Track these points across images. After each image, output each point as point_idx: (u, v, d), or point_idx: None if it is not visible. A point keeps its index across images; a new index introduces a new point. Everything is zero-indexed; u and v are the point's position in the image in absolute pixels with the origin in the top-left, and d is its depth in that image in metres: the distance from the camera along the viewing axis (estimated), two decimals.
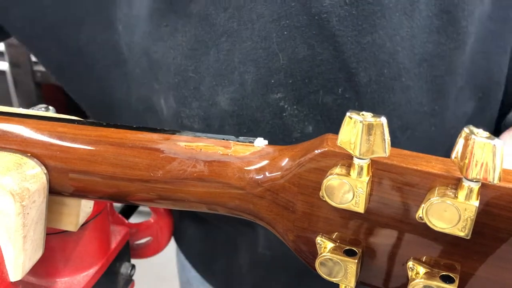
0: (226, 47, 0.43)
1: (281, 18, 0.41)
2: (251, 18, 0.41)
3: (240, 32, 0.42)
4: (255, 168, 0.32)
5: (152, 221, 0.57)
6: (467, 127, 0.24)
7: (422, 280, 0.27)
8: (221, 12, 0.42)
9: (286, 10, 0.40)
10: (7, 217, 0.33)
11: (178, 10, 0.43)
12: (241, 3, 0.41)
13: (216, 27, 0.43)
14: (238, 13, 0.42)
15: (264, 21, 0.41)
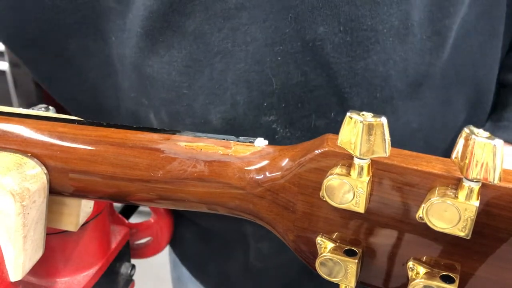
0: (219, 67, 0.43)
1: (275, 43, 0.41)
2: (246, 40, 0.41)
3: (234, 53, 0.42)
4: (255, 168, 0.32)
5: (152, 221, 0.57)
6: (467, 127, 0.24)
7: (422, 280, 0.27)
8: (215, 31, 0.42)
9: (280, 36, 0.40)
10: (8, 217, 0.33)
11: (174, 26, 0.43)
12: (235, 25, 0.41)
13: (211, 46, 0.42)
14: (232, 34, 0.41)
15: (258, 44, 0.41)
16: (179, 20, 0.42)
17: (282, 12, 0.39)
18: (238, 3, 0.40)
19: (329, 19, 0.39)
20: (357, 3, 0.39)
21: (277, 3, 0.39)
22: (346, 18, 0.39)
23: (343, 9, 0.39)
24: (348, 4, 0.39)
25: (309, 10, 0.39)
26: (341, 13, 0.39)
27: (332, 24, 0.39)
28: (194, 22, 0.42)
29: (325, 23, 0.39)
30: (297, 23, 0.40)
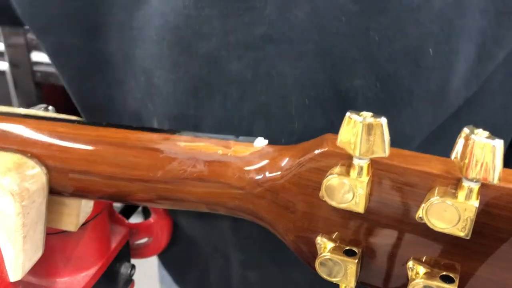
0: (235, 95, 0.40)
1: (305, 85, 0.38)
2: (270, 74, 0.39)
3: (255, 84, 0.40)
4: (255, 168, 0.32)
5: (152, 221, 0.57)
6: (467, 127, 0.24)
7: (422, 280, 0.27)
8: (234, 59, 0.39)
9: (311, 79, 0.38)
10: (7, 217, 0.33)
11: (183, 44, 0.40)
12: (260, 57, 0.39)
13: (226, 73, 0.40)
14: (255, 65, 0.39)
15: (285, 82, 0.39)
16: (191, 39, 0.40)
17: (320, 57, 0.38)
18: (265, 35, 0.38)
19: (368, 73, 0.38)
20: (398, 63, 0.37)
21: (314, 46, 0.37)
22: (385, 75, 0.38)
23: (384, 66, 0.37)
24: (389, 62, 0.37)
25: (349, 61, 0.37)
26: (380, 69, 0.37)
27: (370, 78, 0.38)
28: (208, 45, 0.39)
29: (362, 76, 0.38)
30: (334, 71, 0.38)
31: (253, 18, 0.37)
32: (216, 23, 0.38)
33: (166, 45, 0.41)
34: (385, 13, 0.36)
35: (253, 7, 0.37)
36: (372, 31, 0.36)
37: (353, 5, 0.36)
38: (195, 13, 0.38)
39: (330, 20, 0.36)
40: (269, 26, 0.37)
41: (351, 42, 0.37)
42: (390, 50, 0.37)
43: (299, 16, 0.37)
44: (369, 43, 0.37)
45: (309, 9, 0.36)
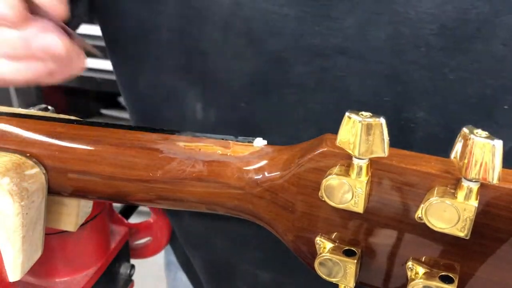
0: (293, 98, 0.40)
1: (368, 104, 0.38)
2: (334, 85, 0.38)
3: (315, 92, 0.39)
4: (254, 168, 0.32)
5: (151, 221, 0.57)
6: (467, 127, 0.24)
7: (421, 280, 0.27)
8: (301, 63, 0.38)
9: (376, 100, 0.38)
10: (6, 217, 0.33)
11: (253, 38, 0.39)
12: (328, 66, 0.38)
13: (289, 75, 0.39)
14: (321, 73, 0.38)
15: (348, 95, 0.38)
16: (262, 33, 0.39)
17: (390, 80, 0.37)
18: (339, 46, 0.37)
19: (434, 109, 0.37)
20: (469, 108, 0.36)
21: (387, 69, 0.37)
22: (451, 116, 0.37)
23: (452, 106, 0.36)
24: (459, 105, 0.36)
25: (419, 91, 0.37)
26: (448, 109, 0.37)
27: (435, 114, 0.37)
28: (278, 43, 0.39)
29: (428, 110, 0.37)
30: (401, 98, 0.37)
31: (331, 27, 0.37)
32: (292, 23, 0.38)
33: (234, 33, 0.40)
34: (466, 54, 0.35)
35: (333, 17, 0.36)
36: (448, 69, 0.35)
37: (436, 38, 0.35)
38: (274, 9, 0.38)
39: (410, 48, 0.36)
40: (344, 39, 0.37)
41: (425, 74, 0.36)
42: (462, 92, 0.36)
43: (378, 36, 0.36)
44: (443, 80, 0.36)
45: (390, 32, 0.36)
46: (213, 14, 0.40)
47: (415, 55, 0.36)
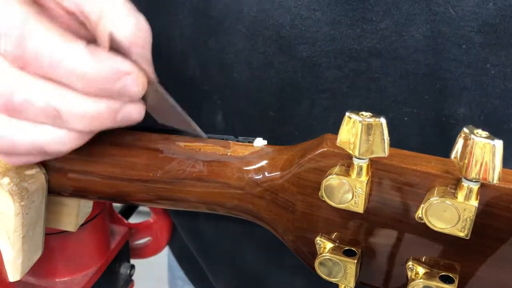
0: (325, 104, 0.39)
1: (407, 103, 0.38)
2: (368, 87, 0.38)
3: (348, 96, 0.38)
4: (254, 168, 0.32)
5: (151, 221, 0.57)
6: (467, 127, 0.24)
7: (421, 280, 0.27)
8: (334, 68, 0.38)
9: (416, 100, 0.37)
10: (6, 217, 0.33)
11: (283, 45, 0.38)
12: (361, 69, 0.37)
13: (321, 80, 0.38)
14: (354, 76, 0.38)
15: (384, 96, 0.38)
16: (293, 40, 0.38)
17: (429, 79, 0.37)
18: (373, 48, 0.37)
19: (474, 104, 0.37)
20: (509, 102, 0.37)
21: (426, 67, 0.36)
22: (491, 111, 0.37)
23: (493, 101, 0.37)
24: (500, 98, 0.37)
25: (459, 88, 0.37)
26: (488, 104, 0.37)
27: (475, 110, 0.37)
28: (310, 49, 0.38)
29: (468, 106, 0.37)
30: (441, 95, 0.37)
31: (366, 29, 0.36)
32: (325, 28, 0.37)
33: (261, 42, 0.39)
34: (507, 49, 0.35)
35: (369, 19, 0.36)
36: (489, 64, 0.36)
37: (477, 35, 0.35)
38: (306, 14, 0.37)
39: (449, 46, 0.36)
40: (380, 40, 0.36)
41: (466, 71, 0.36)
42: (503, 87, 0.36)
43: (415, 36, 0.36)
44: (483, 75, 0.36)
45: (428, 31, 0.36)
46: (236, 23, 0.39)
47: (455, 52, 0.36)
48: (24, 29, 0.27)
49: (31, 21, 0.27)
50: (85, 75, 0.28)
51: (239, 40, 0.40)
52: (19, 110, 0.28)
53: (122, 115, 0.30)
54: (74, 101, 0.28)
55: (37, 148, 0.30)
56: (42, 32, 0.27)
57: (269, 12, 0.38)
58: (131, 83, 0.29)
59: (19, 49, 0.27)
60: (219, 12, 0.40)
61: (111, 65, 0.28)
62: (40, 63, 0.27)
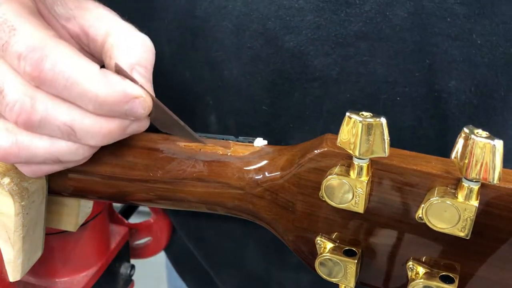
0: (316, 92, 0.39)
1: (398, 83, 0.38)
2: (358, 71, 0.38)
3: (339, 82, 0.38)
4: (255, 168, 0.32)
5: (152, 221, 0.57)
6: (467, 127, 0.24)
7: (421, 280, 0.27)
8: (321, 55, 0.38)
9: (407, 77, 0.38)
10: (6, 217, 0.33)
11: (269, 36, 0.38)
12: (350, 54, 0.37)
13: (311, 69, 0.38)
14: (343, 62, 0.38)
15: (374, 79, 0.38)
16: (279, 31, 0.38)
17: (417, 55, 0.37)
18: (359, 31, 0.37)
19: (464, 76, 0.37)
20: (498, 70, 0.37)
21: (413, 45, 0.37)
22: (481, 81, 0.37)
23: (482, 71, 0.37)
24: (489, 67, 0.37)
25: (448, 61, 0.37)
26: (478, 74, 0.37)
27: (466, 81, 0.37)
28: (296, 39, 0.38)
29: (458, 78, 0.37)
30: (431, 71, 0.37)
31: (350, 13, 0.37)
32: (309, 16, 0.37)
33: (248, 36, 0.39)
34: (491, 18, 0.35)
35: (352, 3, 0.37)
36: (475, 34, 0.36)
37: (460, 7, 0.36)
38: (289, 4, 0.37)
39: (434, 21, 0.36)
40: (365, 23, 0.37)
41: (453, 44, 0.36)
42: (490, 56, 0.36)
43: (399, 15, 0.36)
44: (470, 46, 0.36)
45: (411, 9, 0.36)
46: (222, 20, 0.40)
47: (440, 26, 0.36)
48: (42, 51, 0.29)
49: (49, 44, 0.29)
50: (97, 98, 0.29)
51: (226, 37, 0.40)
52: (37, 126, 0.30)
53: (130, 130, 0.32)
54: (87, 121, 0.31)
55: (53, 158, 0.32)
56: (58, 55, 0.29)
57: (253, 5, 0.38)
58: (138, 106, 0.31)
59: (37, 70, 0.29)
60: (204, 11, 0.40)
61: (121, 89, 0.30)
62: (55, 85, 0.29)
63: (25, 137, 0.31)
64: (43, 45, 0.29)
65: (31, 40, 0.29)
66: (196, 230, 0.52)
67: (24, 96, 0.29)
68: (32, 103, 0.29)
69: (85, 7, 0.34)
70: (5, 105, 0.30)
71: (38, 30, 0.30)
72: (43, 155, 0.31)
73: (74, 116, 0.30)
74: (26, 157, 0.31)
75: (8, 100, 0.29)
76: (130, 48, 0.33)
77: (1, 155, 0.31)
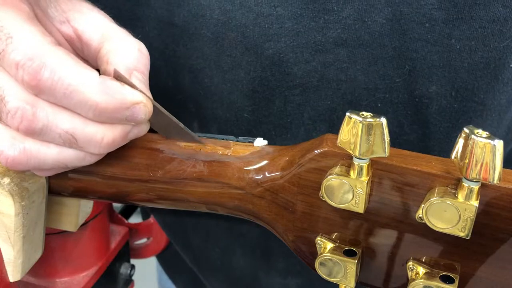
0: (297, 100, 0.39)
1: (379, 89, 0.38)
2: (338, 78, 0.38)
3: (320, 89, 0.38)
4: (255, 168, 0.32)
5: (152, 221, 0.57)
6: (467, 127, 0.24)
7: (422, 280, 0.27)
8: (301, 62, 0.38)
9: (387, 84, 0.38)
10: (7, 217, 0.33)
11: (248, 44, 0.38)
12: (329, 61, 0.37)
13: (291, 76, 0.38)
14: (322, 69, 0.38)
15: (355, 86, 0.38)
16: (258, 38, 0.38)
17: (397, 61, 0.37)
18: (338, 38, 0.37)
19: (444, 80, 0.37)
20: (477, 74, 0.37)
21: (393, 51, 0.37)
22: (461, 85, 0.38)
23: (462, 75, 0.37)
24: (468, 72, 0.37)
25: (427, 66, 0.37)
26: (458, 78, 0.37)
27: (446, 86, 0.38)
28: (275, 46, 0.38)
29: (439, 83, 0.38)
30: (411, 76, 0.38)
31: (328, 20, 0.37)
32: (288, 23, 0.37)
33: (227, 44, 0.39)
34: (469, 22, 0.35)
35: (330, 10, 0.36)
36: (454, 39, 0.36)
37: (438, 12, 0.36)
38: (267, 11, 0.37)
39: (413, 26, 0.36)
40: (344, 30, 0.37)
41: (432, 49, 0.36)
42: (470, 60, 0.37)
43: (378, 21, 0.36)
44: (450, 51, 0.36)
45: (390, 14, 0.36)
46: (200, 29, 0.40)
47: (419, 32, 0.36)
48: (40, 59, 0.28)
49: (46, 51, 0.28)
50: (97, 106, 0.29)
51: (205, 45, 0.40)
52: (39, 133, 0.30)
53: (131, 135, 0.32)
54: (88, 128, 0.30)
55: (62, 165, 0.32)
56: (57, 63, 0.28)
57: (231, 13, 0.38)
58: (138, 111, 0.30)
59: (35, 79, 0.28)
60: (183, 20, 0.40)
61: (121, 96, 0.29)
62: (54, 93, 0.29)
63: (33, 145, 0.30)
64: (40, 53, 0.28)
65: (28, 48, 0.28)
66: (183, 236, 0.52)
67: (25, 104, 0.29)
68: (33, 111, 0.29)
69: (79, 10, 0.34)
70: (6, 113, 0.29)
71: (35, 37, 0.29)
72: (52, 163, 0.31)
73: (75, 124, 0.30)
74: (34, 165, 0.31)
75: (9, 107, 0.29)
76: (127, 53, 0.32)
77: (10, 163, 0.30)
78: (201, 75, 0.41)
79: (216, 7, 0.38)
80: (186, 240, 0.52)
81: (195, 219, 0.49)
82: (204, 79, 0.41)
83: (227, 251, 0.50)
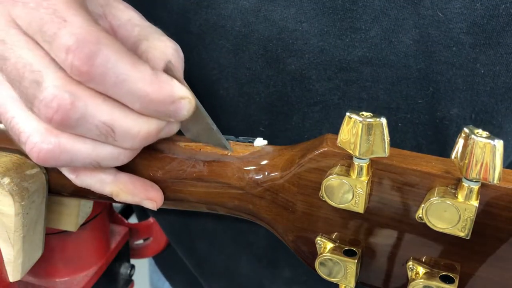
0: (316, 117, 0.39)
1: (401, 109, 0.38)
2: (360, 97, 0.37)
3: (340, 106, 0.38)
4: (255, 168, 0.32)
5: (152, 221, 0.57)
6: (467, 127, 0.24)
7: (422, 280, 0.27)
8: (324, 80, 0.37)
9: (409, 104, 0.38)
10: (7, 217, 0.33)
11: (269, 59, 0.38)
12: (352, 79, 0.37)
13: (312, 93, 0.38)
14: (345, 87, 0.37)
15: (376, 104, 0.38)
16: (281, 53, 0.37)
17: (421, 83, 0.37)
18: (364, 57, 0.36)
19: (466, 103, 0.37)
20: (498, 98, 0.37)
21: (417, 72, 0.37)
22: (482, 108, 0.37)
23: (483, 99, 0.37)
24: (490, 96, 0.37)
25: (451, 89, 0.37)
26: (479, 102, 0.37)
27: (467, 109, 0.38)
28: (298, 62, 0.37)
29: (460, 106, 0.37)
30: (434, 98, 0.37)
31: (355, 39, 0.36)
32: (313, 40, 0.37)
33: (247, 56, 0.38)
34: (496, 48, 0.35)
35: (358, 28, 0.36)
36: (479, 64, 0.36)
37: (466, 36, 0.35)
38: (292, 27, 0.37)
39: (439, 49, 0.36)
40: (369, 49, 0.36)
41: (457, 72, 0.36)
42: (492, 84, 0.37)
43: (404, 42, 0.36)
44: (474, 75, 0.36)
45: (417, 36, 0.36)
46: (218, 39, 0.39)
47: (446, 55, 0.36)
48: (93, 45, 0.27)
49: (102, 39, 0.27)
50: (146, 96, 0.28)
51: (222, 55, 0.39)
52: (73, 125, 0.28)
53: (162, 133, 0.31)
54: (127, 121, 0.29)
55: (94, 163, 0.30)
56: (111, 51, 0.27)
57: (253, 26, 0.37)
58: (182, 107, 0.29)
59: (87, 65, 0.27)
60: (198, 28, 0.39)
61: (170, 88, 0.28)
62: (104, 81, 0.27)
63: (67, 140, 0.29)
64: (94, 39, 0.27)
65: (82, 33, 0.27)
66: (188, 240, 0.51)
67: (63, 92, 0.27)
68: (71, 100, 0.27)
69: (116, 7, 0.33)
70: (40, 100, 0.27)
71: (89, 23, 0.27)
72: (84, 160, 0.30)
73: (115, 116, 0.28)
74: (66, 160, 0.29)
75: (45, 94, 0.27)
76: (166, 53, 0.32)
77: (42, 157, 0.29)
78: (216, 86, 0.41)
79: (239, 19, 0.37)
80: (190, 244, 0.51)
81: (201, 225, 0.49)
82: (219, 90, 0.41)
83: (233, 258, 0.49)
